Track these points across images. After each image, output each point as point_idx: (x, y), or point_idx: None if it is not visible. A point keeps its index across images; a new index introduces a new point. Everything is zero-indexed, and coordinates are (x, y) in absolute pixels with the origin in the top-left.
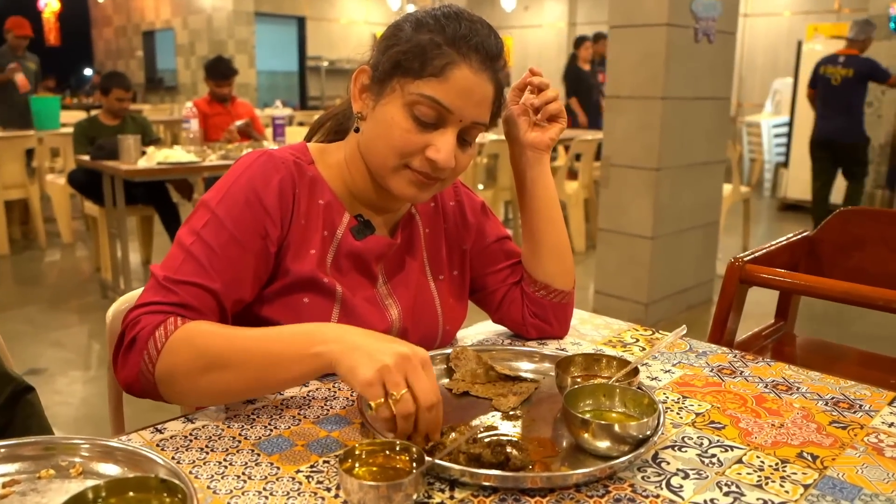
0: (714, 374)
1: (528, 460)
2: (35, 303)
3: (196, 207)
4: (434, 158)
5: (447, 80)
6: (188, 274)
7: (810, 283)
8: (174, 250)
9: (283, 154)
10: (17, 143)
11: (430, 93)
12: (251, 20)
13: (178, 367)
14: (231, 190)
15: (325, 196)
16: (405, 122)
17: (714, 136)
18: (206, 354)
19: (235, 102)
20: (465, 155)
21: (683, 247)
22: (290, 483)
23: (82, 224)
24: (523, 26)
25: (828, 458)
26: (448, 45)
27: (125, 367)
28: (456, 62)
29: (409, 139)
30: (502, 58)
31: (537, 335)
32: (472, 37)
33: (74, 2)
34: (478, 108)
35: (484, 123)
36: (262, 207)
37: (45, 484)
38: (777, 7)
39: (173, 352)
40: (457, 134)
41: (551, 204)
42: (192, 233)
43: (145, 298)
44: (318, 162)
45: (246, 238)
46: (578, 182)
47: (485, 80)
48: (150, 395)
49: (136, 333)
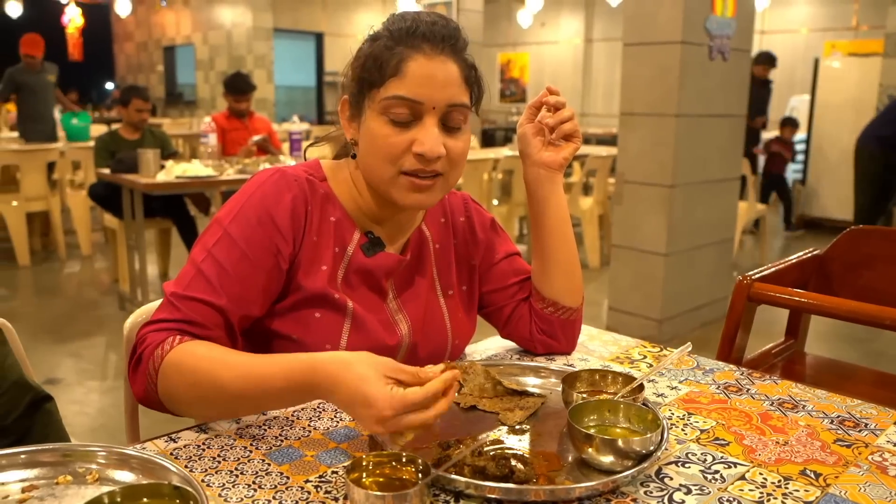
0: (720, 392)
1: (533, 474)
2: (54, 313)
3: (209, 225)
4: (420, 151)
5: (405, 74)
6: (196, 290)
7: (818, 302)
8: (186, 267)
9: (295, 171)
10: (39, 156)
11: (394, 92)
12: (270, 36)
13: (172, 391)
14: (243, 208)
15: (337, 213)
16: (384, 128)
17: (728, 154)
18: (195, 385)
19: (253, 117)
20: (458, 141)
21: (697, 264)
22: (299, 492)
23: (101, 236)
24: (539, 42)
25: (831, 475)
26: (397, 44)
27: (135, 382)
28: (408, 55)
29: (393, 143)
30: (458, 38)
31: (545, 351)
32: (417, 27)
33: (97, 17)
34: (445, 89)
35: (461, 103)
36: (273, 225)
37: (63, 489)
38: (794, 24)
39: (166, 376)
40: (437, 122)
41: (562, 222)
42: (204, 250)
43: (155, 316)
44: (330, 179)
45: (257, 256)
46: (593, 198)
47: (443, 62)
48: (159, 408)
49: (142, 351)
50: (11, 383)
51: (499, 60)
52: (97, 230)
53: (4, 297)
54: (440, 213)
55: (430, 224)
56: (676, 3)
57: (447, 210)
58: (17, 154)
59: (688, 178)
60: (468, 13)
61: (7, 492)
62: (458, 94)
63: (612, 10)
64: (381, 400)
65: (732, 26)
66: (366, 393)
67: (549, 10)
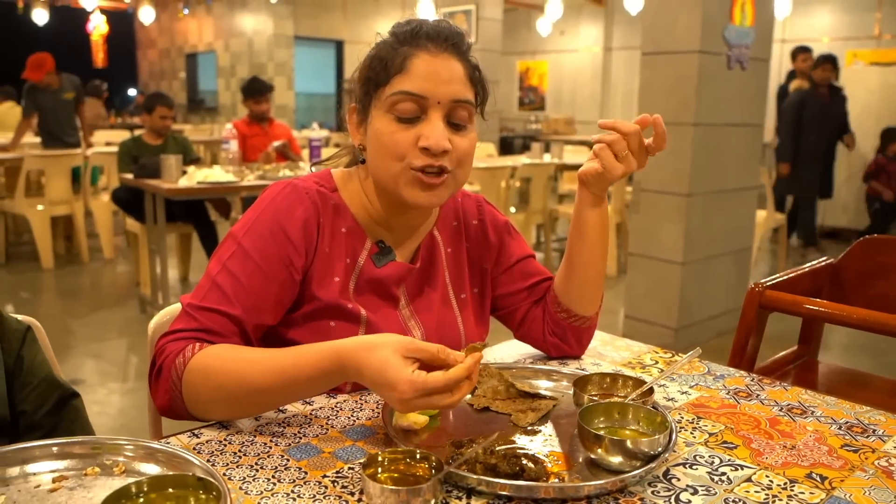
0: (730, 397)
1: (543, 472)
2: (77, 315)
3: (224, 239)
4: (425, 145)
5: (410, 70)
6: (212, 301)
7: (829, 310)
8: (202, 280)
9: (306, 184)
10: (63, 161)
11: (399, 87)
12: (290, 43)
13: (198, 394)
14: (256, 222)
15: (348, 223)
16: (390, 125)
17: (746, 163)
18: (221, 386)
19: (273, 124)
20: (465, 139)
21: (714, 273)
22: (316, 487)
23: (124, 240)
24: (559, 51)
25: (836, 479)
26: (402, 44)
27: (157, 393)
28: (413, 53)
29: (400, 139)
30: (461, 40)
31: (557, 353)
32: (421, 28)
33: (121, 25)
34: (449, 85)
35: (466, 100)
36: (286, 238)
37: (91, 480)
38: (816, 33)
39: (190, 381)
40: (443, 118)
41: (590, 233)
42: (219, 264)
43: (173, 326)
44: (341, 189)
45: (270, 267)
46: (610, 206)
47: (447, 59)
48: (183, 417)
49: (162, 362)
50: (41, 379)
51: (518, 68)
52: (120, 234)
53: (29, 299)
54: (452, 217)
55: (442, 228)
56: (695, 12)
57: (460, 213)
58: (43, 159)
59: (705, 188)
60: (487, 21)
61: (39, 481)
62: (463, 90)
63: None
64: (402, 383)
65: (751, 35)
66: (388, 377)
67: (568, 18)
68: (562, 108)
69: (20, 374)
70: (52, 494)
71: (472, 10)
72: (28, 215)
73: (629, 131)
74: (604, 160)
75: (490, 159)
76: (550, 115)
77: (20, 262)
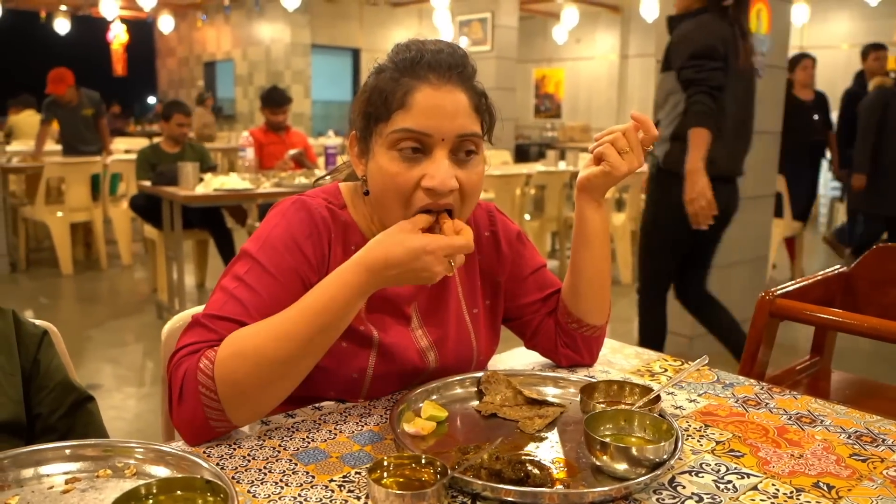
0: (739, 405)
1: (548, 478)
2: (94, 321)
3: (237, 256)
4: (430, 186)
5: (412, 106)
6: (230, 312)
7: (840, 318)
8: (216, 294)
9: (316, 200)
10: (83, 169)
11: (402, 125)
12: (308, 52)
13: (237, 382)
14: (269, 237)
15: (357, 241)
16: (393, 164)
17: (763, 170)
18: (262, 360)
19: (290, 132)
20: (472, 172)
21: (730, 281)
22: (323, 491)
23: (142, 247)
24: (575, 58)
25: (843, 488)
26: (403, 76)
27: (183, 416)
28: (414, 87)
29: (403, 181)
30: (465, 66)
31: (568, 363)
32: (422, 57)
33: (141, 33)
34: (454, 119)
35: (472, 133)
36: (300, 252)
37: (103, 482)
38: (835, 40)
39: (225, 373)
40: (448, 154)
41: (594, 240)
42: (235, 279)
43: (184, 340)
44: (350, 206)
45: (286, 279)
46: (625, 214)
47: (450, 91)
48: (222, 431)
49: (183, 376)
50: (57, 383)
51: (534, 76)
52: (138, 241)
53: (48, 304)
54: None
55: None
56: None
57: (471, 225)
58: (63, 167)
59: None
60: (503, 29)
61: (52, 483)
62: (468, 123)
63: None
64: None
65: (767, 43)
66: (408, 247)
67: (584, 26)
68: (578, 116)
69: (36, 377)
70: (64, 496)
71: (487, 17)
72: (48, 222)
73: (626, 128)
74: (609, 158)
75: (505, 167)
76: (566, 122)
77: (40, 267)
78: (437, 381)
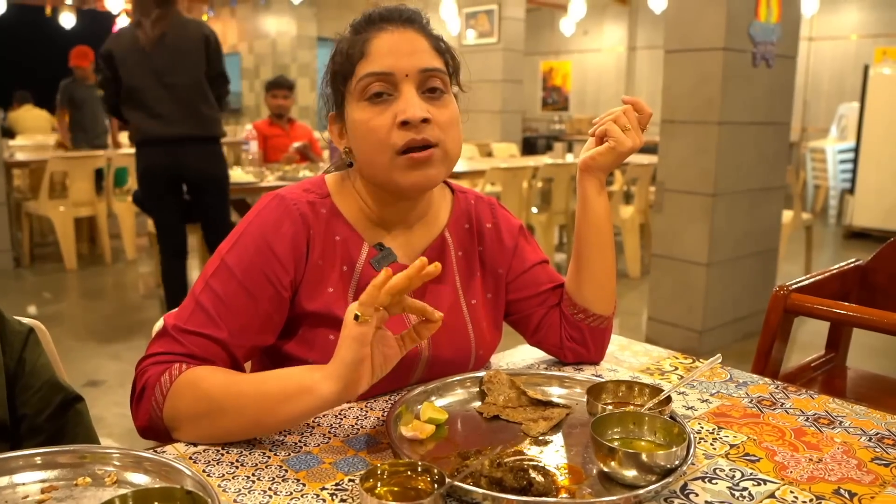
0: (753, 406)
1: (552, 486)
2: (98, 316)
3: (213, 254)
4: (403, 118)
5: (371, 52)
6: (196, 324)
7: (857, 314)
8: (186, 300)
9: (295, 195)
10: (87, 163)
11: (365, 70)
12: (314, 45)
13: (181, 412)
14: (241, 237)
15: (342, 230)
16: (365, 112)
17: (773, 162)
18: (206, 398)
19: (294, 125)
20: (443, 109)
21: (740, 274)
22: (314, 500)
23: (146, 241)
24: (582, 51)
25: (866, 496)
26: (360, 31)
27: (137, 414)
28: (371, 36)
29: (377, 124)
30: (418, 16)
31: (574, 359)
32: (374, 12)
33: None
34: (413, 56)
35: (434, 68)
36: (272, 254)
37: (81, 491)
38: (843, 30)
39: (177, 396)
40: (415, 90)
41: (598, 227)
42: (203, 281)
43: (153, 349)
44: (334, 194)
45: (255, 286)
46: (634, 207)
47: (407, 33)
48: (162, 439)
49: (144, 383)
50: (43, 382)
51: (541, 68)
52: (142, 235)
53: (51, 299)
54: (464, 219)
55: (453, 231)
56: (719, 9)
57: (472, 216)
58: (66, 161)
59: (730, 187)
60: (510, 21)
61: (27, 492)
62: (429, 59)
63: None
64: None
65: (777, 32)
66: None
67: (591, 18)
68: (585, 109)
69: (22, 377)
70: None
71: (494, 9)
72: (52, 216)
73: (624, 108)
74: (613, 134)
75: (512, 159)
76: (574, 115)
77: (44, 262)
78: (437, 382)
